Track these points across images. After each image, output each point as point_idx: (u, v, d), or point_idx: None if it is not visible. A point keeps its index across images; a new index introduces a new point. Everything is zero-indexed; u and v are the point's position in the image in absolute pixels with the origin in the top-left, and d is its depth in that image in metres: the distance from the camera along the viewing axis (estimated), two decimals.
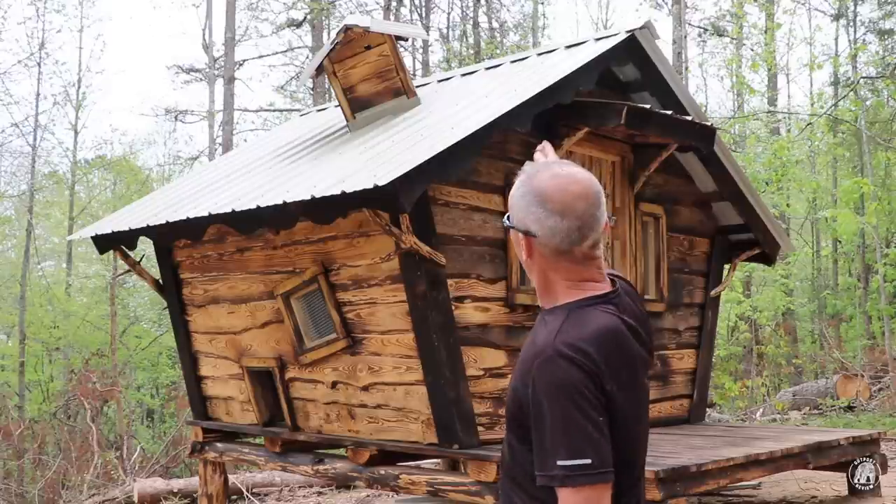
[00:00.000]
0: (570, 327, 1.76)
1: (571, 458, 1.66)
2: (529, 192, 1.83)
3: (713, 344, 7.99)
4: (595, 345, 1.73)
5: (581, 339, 1.74)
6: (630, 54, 6.19)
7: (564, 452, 1.66)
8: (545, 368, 1.71)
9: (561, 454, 1.66)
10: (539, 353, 1.74)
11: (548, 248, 1.83)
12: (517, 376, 1.82)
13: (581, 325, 1.77)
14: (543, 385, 1.70)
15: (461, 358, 5.25)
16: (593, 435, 1.68)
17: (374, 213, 4.86)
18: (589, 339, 1.74)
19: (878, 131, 19.48)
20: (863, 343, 18.07)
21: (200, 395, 7.09)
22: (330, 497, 8.88)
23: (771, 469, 5.69)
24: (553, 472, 1.67)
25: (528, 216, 1.82)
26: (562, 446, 1.67)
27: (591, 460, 1.66)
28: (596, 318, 1.79)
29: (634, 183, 6.57)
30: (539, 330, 1.83)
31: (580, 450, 1.66)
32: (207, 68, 21.16)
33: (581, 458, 1.66)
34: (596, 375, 1.71)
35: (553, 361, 1.71)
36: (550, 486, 1.69)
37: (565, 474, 1.66)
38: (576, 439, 1.67)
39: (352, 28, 6.51)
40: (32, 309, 19.91)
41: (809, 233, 23.24)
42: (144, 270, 7.05)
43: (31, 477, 12.61)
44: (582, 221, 1.80)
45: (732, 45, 22.83)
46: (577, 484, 1.66)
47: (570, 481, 1.66)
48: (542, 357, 1.72)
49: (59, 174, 24.94)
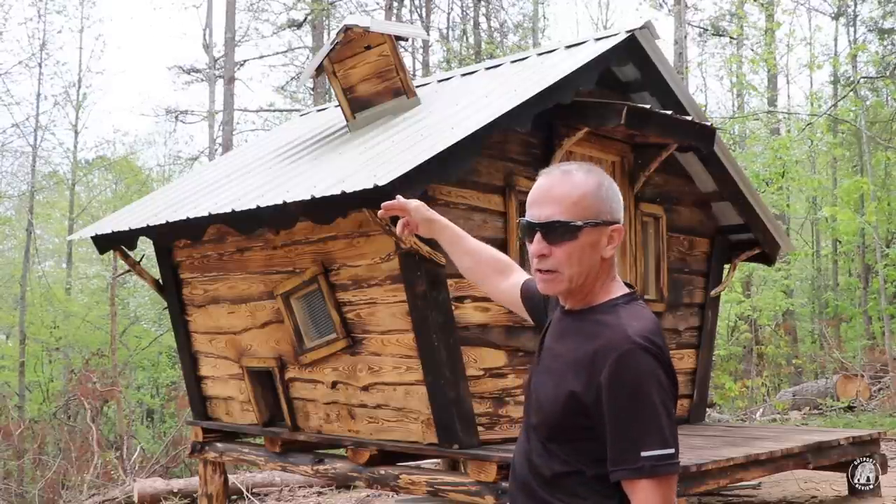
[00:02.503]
0: (634, 321, 1.77)
1: (659, 447, 1.66)
2: (609, 182, 1.85)
3: (713, 344, 7.99)
4: (659, 335, 1.76)
5: (651, 332, 1.75)
6: (630, 54, 6.19)
7: (652, 442, 1.66)
8: (627, 362, 1.70)
9: (647, 444, 1.66)
10: (615, 348, 1.72)
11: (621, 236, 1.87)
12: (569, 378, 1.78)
13: (641, 318, 1.79)
14: (627, 378, 1.69)
15: (461, 358, 5.25)
16: (673, 427, 1.70)
17: (374, 213, 4.86)
18: (655, 331, 1.76)
19: (878, 131, 19.48)
20: (863, 343, 18.07)
21: (200, 395, 7.09)
22: (330, 497, 8.88)
23: (771, 469, 5.69)
24: (638, 463, 1.66)
25: (618, 206, 1.85)
26: (648, 437, 1.66)
27: (673, 450, 1.68)
28: (645, 312, 1.82)
29: (634, 183, 6.57)
30: (593, 329, 1.80)
31: (665, 440, 1.67)
32: (208, 69, 21.17)
33: (667, 447, 1.67)
34: (669, 366, 1.74)
35: (634, 354, 1.70)
36: (634, 478, 1.67)
37: (653, 464, 1.66)
38: (662, 430, 1.67)
39: (352, 28, 6.51)
40: (32, 309, 19.91)
41: (809, 233, 23.23)
42: (144, 270, 7.05)
43: (31, 477, 12.61)
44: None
45: (732, 45, 22.83)
46: (663, 473, 1.66)
47: (658, 471, 1.66)
48: (620, 351, 1.71)
49: (59, 174, 24.95)
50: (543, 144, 5.89)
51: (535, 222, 1.82)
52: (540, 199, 1.83)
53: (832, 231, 17.12)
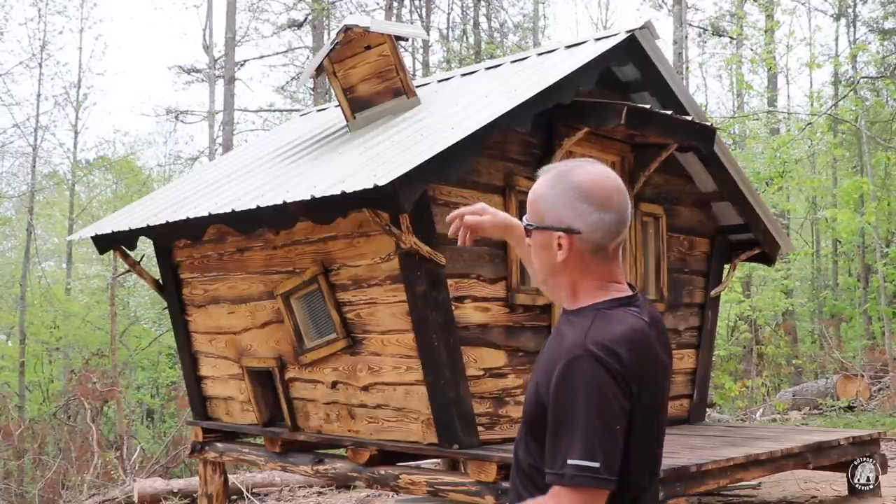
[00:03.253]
0: (599, 328, 1.76)
1: (581, 458, 1.65)
2: (569, 188, 1.82)
3: (713, 344, 7.99)
4: (624, 345, 1.73)
5: (611, 340, 1.73)
6: (630, 54, 6.19)
7: (576, 452, 1.66)
8: (574, 367, 1.70)
9: (572, 454, 1.66)
10: (568, 353, 1.73)
11: (588, 244, 1.82)
12: (539, 376, 1.81)
13: (610, 325, 1.77)
14: (569, 384, 1.70)
15: (461, 358, 5.25)
16: (607, 441, 1.68)
17: (374, 213, 4.86)
18: (618, 340, 1.74)
19: (878, 131, 19.47)
20: (863, 343, 18.06)
21: (200, 395, 7.09)
22: (330, 497, 8.89)
23: (771, 469, 5.69)
24: (561, 470, 1.67)
25: (571, 212, 1.81)
26: (574, 446, 1.66)
27: (598, 464, 1.66)
28: (623, 319, 1.80)
29: (634, 183, 6.57)
30: (565, 330, 1.82)
31: (591, 452, 1.66)
32: (208, 69, 21.17)
33: (591, 460, 1.65)
34: (623, 378, 1.71)
35: (582, 361, 1.70)
36: (554, 483, 1.68)
37: (573, 474, 1.65)
38: (589, 441, 1.66)
39: (352, 28, 6.51)
40: (32, 309, 19.91)
41: (809, 233, 23.23)
42: (144, 270, 7.05)
43: (31, 477, 12.62)
44: (620, 214, 1.83)
45: (732, 45, 22.83)
46: (578, 484, 1.66)
47: (573, 481, 1.65)
48: (570, 356, 1.72)
49: (59, 175, 24.96)
50: (543, 144, 5.89)
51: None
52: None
53: (832, 231, 17.11)
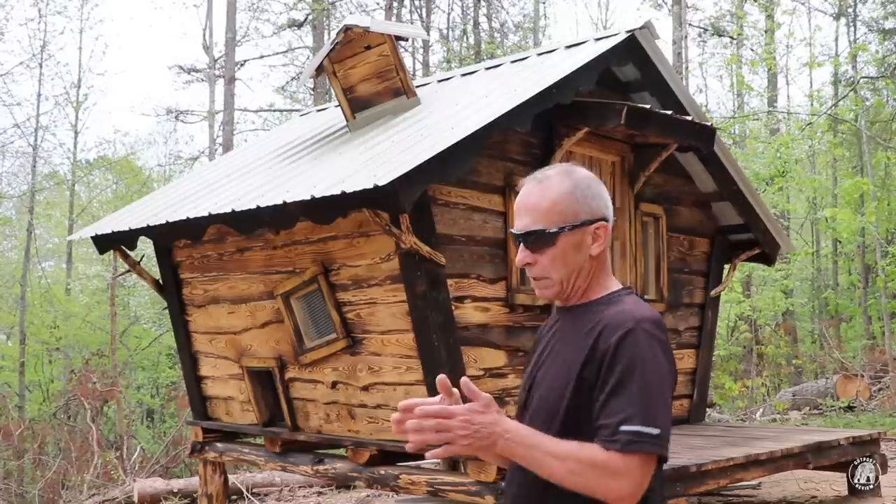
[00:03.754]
0: (638, 308, 1.81)
1: (644, 424, 1.68)
2: (587, 183, 1.88)
3: (713, 344, 7.99)
4: (661, 324, 1.80)
5: (653, 318, 1.79)
6: (630, 54, 6.19)
7: (639, 418, 1.68)
8: (631, 339, 1.73)
9: (636, 419, 1.68)
10: (620, 327, 1.75)
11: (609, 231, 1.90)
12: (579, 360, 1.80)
13: (644, 307, 1.83)
14: (629, 354, 1.72)
15: (461, 358, 5.25)
16: (663, 410, 1.71)
17: (374, 213, 4.86)
18: (657, 319, 1.80)
19: (878, 131, 19.47)
20: (863, 343, 18.06)
21: (200, 395, 7.09)
22: (330, 497, 8.89)
23: (771, 469, 5.69)
24: (617, 436, 1.68)
25: (599, 202, 1.88)
26: (639, 411, 1.68)
27: (659, 431, 1.69)
28: (643, 304, 1.86)
29: (634, 183, 6.57)
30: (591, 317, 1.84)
31: (652, 418, 1.68)
32: (208, 69, 21.17)
33: (651, 426, 1.68)
34: (668, 351, 1.77)
35: (637, 333, 1.74)
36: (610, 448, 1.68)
37: (633, 439, 1.67)
38: (650, 408, 1.69)
39: (352, 28, 6.51)
40: (33, 309, 19.91)
41: (809, 233, 23.23)
42: (144, 270, 7.04)
43: (31, 477, 12.62)
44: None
45: (733, 45, 22.83)
46: (640, 450, 1.67)
47: (632, 447, 1.67)
48: (624, 329, 1.74)
49: (59, 175, 24.96)
50: (543, 144, 5.89)
51: (517, 233, 1.89)
52: (520, 209, 1.89)
53: (832, 231, 17.11)
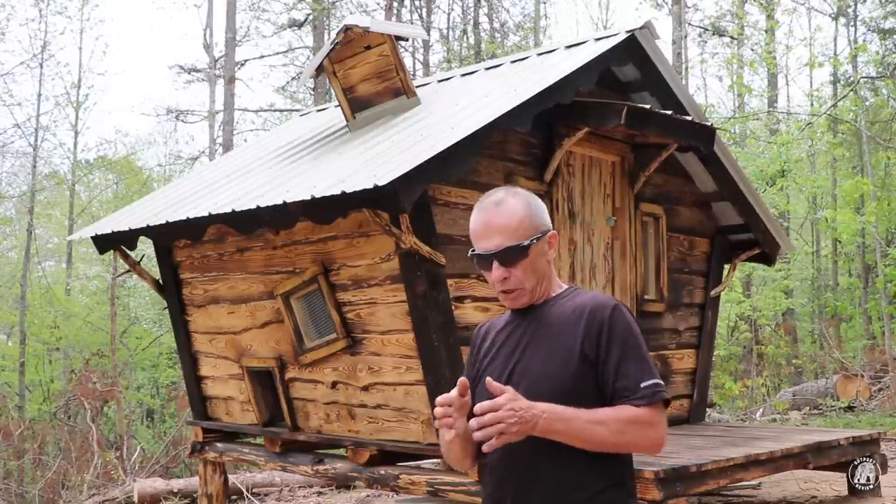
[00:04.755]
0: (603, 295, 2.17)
1: (655, 377, 2.03)
2: (533, 199, 2.20)
3: (713, 344, 7.98)
4: None
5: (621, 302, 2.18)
6: (630, 54, 6.19)
7: (649, 374, 2.03)
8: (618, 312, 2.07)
9: (646, 377, 2.02)
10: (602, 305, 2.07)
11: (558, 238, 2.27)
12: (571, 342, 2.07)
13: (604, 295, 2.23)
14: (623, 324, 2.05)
15: (461, 358, 5.25)
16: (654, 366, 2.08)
17: (374, 213, 4.86)
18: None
19: (878, 131, 19.47)
20: (863, 343, 18.06)
21: (200, 395, 7.09)
22: (330, 497, 8.89)
23: (771, 469, 5.69)
24: (640, 392, 2.00)
25: (546, 216, 2.20)
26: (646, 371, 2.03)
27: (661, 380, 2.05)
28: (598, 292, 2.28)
29: (634, 183, 6.57)
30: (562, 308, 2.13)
31: (655, 373, 2.04)
32: (208, 68, 21.16)
33: (658, 378, 2.04)
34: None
35: (621, 308, 2.08)
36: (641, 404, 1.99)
37: (655, 391, 2.01)
38: (651, 366, 2.05)
39: (352, 28, 6.51)
40: (33, 309, 19.91)
41: (809, 233, 23.22)
42: (144, 270, 7.04)
43: (31, 477, 12.61)
44: None
45: (733, 44, 22.82)
46: (662, 398, 2.02)
47: (657, 396, 2.01)
48: (610, 305, 2.07)
49: (59, 175, 24.95)
50: (543, 144, 5.89)
51: (490, 253, 2.11)
52: (485, 232, 2.13)
53: (832, 231, 17.11)
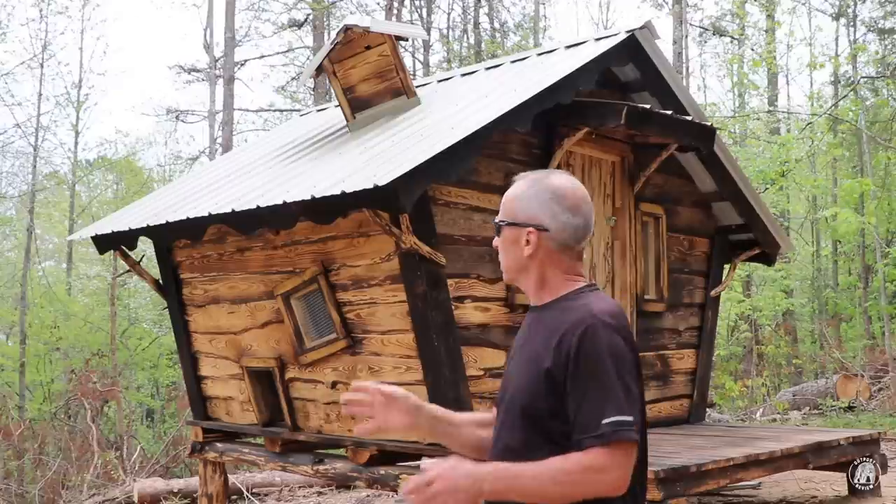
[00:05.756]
0: (598, 302, 1.91)
1: (617, 414, 1.77)
2: (545, 189, 1.99)
3: (713, 344, 7.99)
4: (622, 315, 1.90)
5: (613, 310, 1.89)
6: (630, 54, 6.19)
7: (613, 410, 1.77)
8: (592, 335, 1.82)
9: (608, 412, 1.77)
10: (579, 324, 1.84)
11: (555, 241, 1.98)
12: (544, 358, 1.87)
13: (604, 301, 1.92)
14: (592, 351, 1.81)
15: (461, 358, 5.25)
16: (631, 398, 1.80)
17: (374, 213, 4.86)
18: (618, 311, 1.90)
19: (878, 131, 19.47)
20: (863, 343, 18.05)
21: (200, 395, 7.08)
22: (330, 497, 8.89)
23: (771, 469, 5.69)
24: (599, 430, 1.76)
25: (543, 211, 1.98)
26: (612, 404, 1.77)
27: (631, 418, 1.78)
28: (605, 298, 1.95)
29: (634, 183, 6.57)
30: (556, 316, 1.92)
31: (622, 408, 1.78)
32: (208, 68, 21.14)
33: (625, 415, 1.77)
34: (633, 345, 1.87)
35: (598, 329, 1.83)
36: (596, 444, 1.76)
37: (614, 429, 1.76)
38: (619, 399, 1.78)
39: (352, 28, 6.51)
40: (33, 309, 19.91)
41: (809, 233, 23.22)
42: (144, 270, 7.04)
43: (31, 477, 12.60)
44: (586, 221, 2.00)
45: (733, 44, 22.83)
46: (617, 439, 1.76)
47: (613, 437, 1.75)
48: (584, 326, 1.84)
49: (59, 175, 24.95)
50: (543, 144, 5.89)
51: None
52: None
53: (832, 231, 17.11)
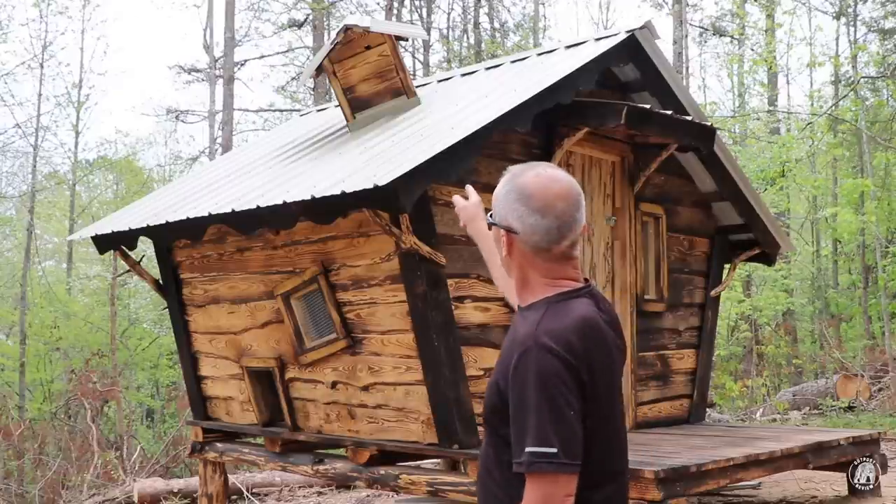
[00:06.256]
0: (551, 319, 1.83)
1: (538, 445, 1.71)
2: (513, 189, 1.93)
3: (713, 344, 7.99)
4: (575, 333, 1.79)
5: (561, 330, 1.80)
6: (630, 54, 6.19)
7: (532, 440, 1.72)
8: (525, 359, 1.77)
9: (529, 441, 1.72)
10: (520, 345, 1.80)
11: (527, 245, 1.91)
12: (498, 371, 1.88)
13: (561, 316, 1.84)
14: (521, 375, 1.76)
15: (461, 358, 5.25)
16: (562, 427, 1.72)
17: (374, 213, 4.86)
18: (569, 329, 1.80)
19: (878, 131, 19.47)
20: (863, 343, 18.05)
21: (200, 395, 7.09)
22: (330, 497, 8.89)
23: (771, 469, 5.69)
24: (521, 458, 1.73)
25: (511, 213, 1.92)
26: (531, 433, 1.72)
27: (556, 449, 1.71)
28: (574, 308, 1.86)
29: (634, 183, 6.57)
30: (519, 325, 1.89)
31: (546, 438, 1.71)
32: (208, 69, 21.15)
33: (546, 446, 1.71)
34: (573, 366, 1.77)
35: (532, 352, 1.77)
36: (519, 472, 1.74)
37: (531, 461, 1.71)
38: (544, 428, 1.71)
39: (352, 28, 6.51)
40: (33, 309, 19.91)
41: (809, 233, 23.22)
42: (144, 270, 7.05)
43: (31, 477, 12.60)
44: (561, 221, 1.88)
45: (733, 44, 22.82)
46: (539, 471, 1.71)
47: (532, 468, 1.71)
48: (522, 348, 1.79)
49: (59, 175, 24.95)
50: (543, 144, 5.89)
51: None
52: None
53: (832, 231, 17.10)
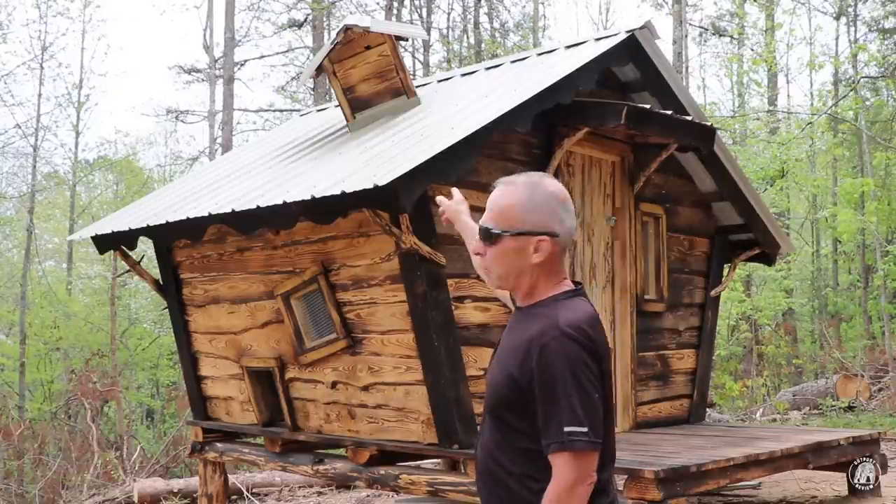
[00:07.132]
0: (567, 313, 1.98)
1: (573, 424, 1.88)
2: (549, 196, 2.05)
3: (713, 344, 7.99)
4: (590, 327, 1.98)
5: (579, 321, 1.96)
6: (630, 54, 6.19)
7: (568, 420, 1.88)
8: (552, 347, 1.92)
9: (566, 421, 1.88)
10: (543, 335, 1.94)
11: (560, 245, 2.06)
12: (509, 365, 2.01)
13: (574, 310, 2.00)
14: (550, 362, 1.91)
15: (461, 358, 5.25)
16: (589, 408, 1.90)
17: (374, 213, 4.86)
18: (584, 321, 1.98)
19: (878, 131, 19.47)
20: (863, 343, 18.05)
21: (200, 395, 7.09)
22: (330, 497, 8.89)
23: (771, 469, 5.69)
24: (560, 438, 1.88)
25: (552, 218, 2.04)
26: (566, 415, 1.88)
27: (586, 429, 1.88)
28: (581, 305, 2.03)
29: (634, 183, 6.57)
30: (530, 321, 2.03)
31: (579, 419, 1.88)
32: (208, 69, 21.14)
33: (580, 425, 1.88)
34: (595, 354, 1.95)
35: (559, 341, 1.92)
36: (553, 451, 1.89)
37: (568, 439, 1.87)
38: (576, 410, 1.88)
39: (352, 28, 6.51)
40: (33, 309, 19.91)
41: (809, 233, 23.22)
42: (144, 270, 7.04)
43: (31, 477, 12.60)
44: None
45: (733, 44, 22.82)
46: (575, 448, 1.88)
47: (571, 445, 1.87)
48: (547, 338, 1.93)
49: (60, 175, 24.96)
50: (543, 144, 5.89)
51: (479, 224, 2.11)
52: (488, 203, 2.12)
53: (833, 231, 17.10)
